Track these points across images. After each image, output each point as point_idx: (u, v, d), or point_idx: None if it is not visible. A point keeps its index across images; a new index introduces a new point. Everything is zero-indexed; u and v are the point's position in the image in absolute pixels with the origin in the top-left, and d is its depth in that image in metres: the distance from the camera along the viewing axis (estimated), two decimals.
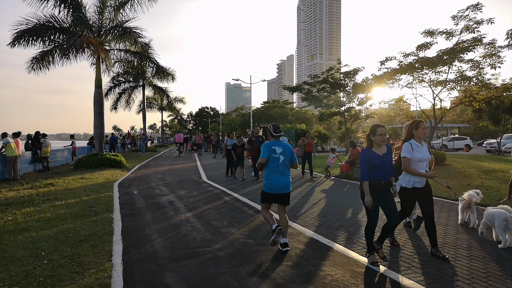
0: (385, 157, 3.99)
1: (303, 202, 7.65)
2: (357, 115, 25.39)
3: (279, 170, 4.54)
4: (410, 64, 15.48)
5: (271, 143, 4.70)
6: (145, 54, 15.70)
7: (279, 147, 4.63)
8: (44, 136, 15.39)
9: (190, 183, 10.86)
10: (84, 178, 11.58)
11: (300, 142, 12.03)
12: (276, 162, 4.55)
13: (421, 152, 4.20)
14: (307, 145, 11.81)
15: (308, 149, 11.83)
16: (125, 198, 8.21)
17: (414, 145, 4.21)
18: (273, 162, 4.56)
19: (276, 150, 4.59)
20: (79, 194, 8.53)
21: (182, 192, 9.03)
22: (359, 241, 4.80)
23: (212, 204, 7.46)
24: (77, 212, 6.53)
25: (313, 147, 12.27)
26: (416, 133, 4.26)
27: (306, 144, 11.81)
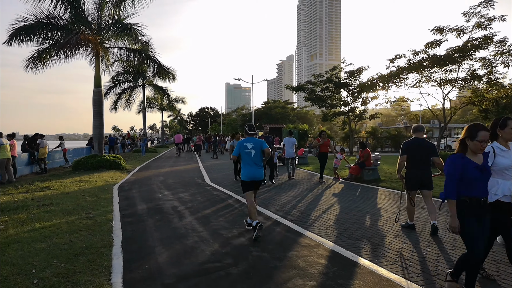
0: (484, 167, 3.02)
1: (315, 207, 7.17)
2: (361, 115, 24.95)
3: (252, 162, 5.37)
4: (420, 62, 15.00)
5: (244, 140, 5.52)
6: (146, 52, 15.20)
7: (251, 143, 5.43)
8: (41, 137, 14.90)
9: (193, 186, 10.38)
10: (83, 181, 11.09)
11: (315, 142, 11.21)
12: (249, 156, 5.38)
13: (509, 157, 3.30)
14: (322, 145, 10.90)
15: (324, 150, 10.89)
16: (126, 203, 7.72)
17: (497, 149, 3.35)
18: (246, 156, 5.40)
19: (248, 146, 5.40)
20: (77, 199, 8.04)
21: (186, 196, 8.54)
22: (386, 255, 4.32)
23: (219, 210, 6.97)
24: (74, 220, 6.04)
25: (330, 147, 11.35)
26: (502, 133, 3.35)
27: (322, 144, 10.90)
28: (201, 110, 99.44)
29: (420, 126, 5.51)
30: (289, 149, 11.70)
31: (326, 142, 11.03)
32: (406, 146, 5.38)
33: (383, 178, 11.58)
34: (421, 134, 5.40)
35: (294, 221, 6.05)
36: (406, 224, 5.53)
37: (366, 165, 11.25)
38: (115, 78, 29.51)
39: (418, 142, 5.33)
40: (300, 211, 6.86)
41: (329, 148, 11.17)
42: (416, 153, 5.29)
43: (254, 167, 5.36)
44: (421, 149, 5.28)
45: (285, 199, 8.06)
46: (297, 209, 7.04)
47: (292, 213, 6.64)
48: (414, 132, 5.45)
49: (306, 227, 5.65)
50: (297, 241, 4.91)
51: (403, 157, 5.34)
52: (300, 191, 9.19)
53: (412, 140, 5.39)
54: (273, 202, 7.71)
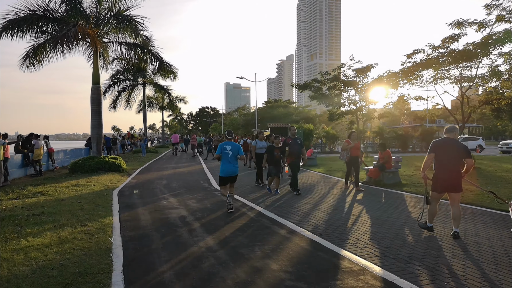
0: None
1: (340, 217, 6.32)
2: (369, 114, 24.12)
3: (229, 161, 6.84)
4: (437, 58, 14.15)
5: (224, 143, 6.99)
6: (147, 47, 14.33)
7: (229, 146, 6.90)
8: (36, 137, 14.02)
9: (200, 191, 9.52)
10: (79, 185, 10.23)
11: (344, 144, 9.65)
12: (227, 156, 6.82)
13: None
14: (353, 148, 9.41)
15: (355, 153, 9.44)
16: (127, 213, 6.86)
17: None
18: (225, 156, 6.82)
19: (227, 148, 6.85)
20: (72, 207, 7.18)
21: (194, 204, 7.68)
22: (450, 284, 3.47)
23: (233, 221, 6.12)
24: (67, 235, 5.18)
25: (361, 151, 10.07)
26: None
27: (352, 147, 9.40)
28: (201, 110, 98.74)
29: (453, 127, 5.31)
30: None
31: (357, 144, 9.60)
32: (435, 145, 5.17)
33: (404, 181, 10.75)
34: (454, 134, 5.18)
35: (323, 235, 5.20)
36: (423, 225, 5.36)
37: (386, 167, 10.41)
38: (114, 76, 28.67)
39: (448, 141, 5.12)
40: (325, 222, 6.01)
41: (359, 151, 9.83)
42: (445, 153, 5.07)
43: (230, 165, 6.87)
44: (451, 149, 5.05)
45: (305, 207, 7.21)
46: (322, 219, 6.19)
47: (318, 225, 5.79)
48: (446, 133, 5.24)
49: (340, 243, 4.81)
50: (336, 264, 4.07)
51: (431, 156, 5.14)
52: (318, 197, 8.34)
53: (443, 139, 5.20)
54: (292, 211, 6.86)
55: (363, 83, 22.51)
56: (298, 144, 8.97)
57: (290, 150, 8.85)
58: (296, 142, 8.96)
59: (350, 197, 8.48)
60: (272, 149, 8.77)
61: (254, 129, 30.63)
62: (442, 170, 5.08)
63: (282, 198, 8.34)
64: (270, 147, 8.97)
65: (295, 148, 8.86)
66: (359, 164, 9.46)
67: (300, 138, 9.44)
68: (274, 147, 8.81)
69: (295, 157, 8.91)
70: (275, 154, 8.69)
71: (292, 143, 8.92)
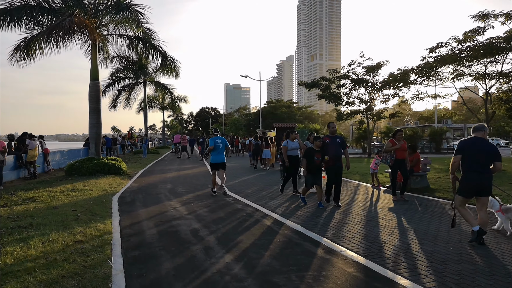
0: None
1: (381, 230, 5.35)
2: (379, 113, 23.17)
3: (219, 152, 8.65)
4: (461, 52, 13.20)
5: (215, 138, 8.69)
6: (149, 40, 13.35)
7: (219, 140, 8.66)
8: (31, 137, 13.06)
9: (210, 197, 8.55)
10: (76, 190, 9.27)
11: (387, 145, 8.02)
12: (218, 148, 8.62)
13: None
14: (399, 150, 7.86)
15: (401, 156, 7.86)
16: (129, 224, 5.90)
17: None
18: (217, 148, 8.61)
19: (218, 141, 8.61)
20: (65, 217, 6.23)
21: (205, 213, 6.71)
22: None
23: (255, 236, 5.16)
24: (56, 255, 4.23)
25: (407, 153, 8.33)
26: None
27: (399, 148, 7.84)
28: (202, 110, 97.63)
29: (482, 125, 4.91)
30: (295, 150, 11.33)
31: (404, 145, 7.99)
32: (462, 145, 4.82)
33: (432, 186, 9.80)
34: (482, 133, 4.82)
35: (370, 256, 4.24)
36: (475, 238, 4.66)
37: (414, 171, 9.45)
38: (114, 74, 27.69)
39: (477, 142, 4.76)
40: (364, 237, 5.05)
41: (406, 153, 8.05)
42: (473, 154, 4.71)
43: (220, 155, 8.67)
44: (480, 150, 4.69)
45: (333, 218, 6.26)
46: (359, 234, 5.23)
47: (358, 242, 4.83)
48: (475, 132, 4.88)
49: (395, 268, 3.86)
50: None
51: (458, 157, 4.81)
52: (346, 206, 7.37)
53: (471, 139, 4.83)
54: (320, 222, 5.90)
55: (374, 81, 21.55)
56: (339, 144, 7.34)
57: (329, 151, 7.18)
58: (335, 141, 7.33)
59: (380, 204, 7.53)
60: (312, 153, 7.10)
61: (258, 129, 29.66)
62: (472, 173, 4.71)
63: (300, 206, 7.39)
64: (309, 150, 7.28)
65: (335, 150, 7.25)
66: (407, 168, 7.99)
67: (341, 136, 7.73)
68: (314, 151, 7.13)
69: (335, 160, 7.23)
70: (316, 160, 7.05)
71: (331, 143, 7.28)
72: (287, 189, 9.19)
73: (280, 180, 12.42)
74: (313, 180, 7.16)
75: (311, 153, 7.14)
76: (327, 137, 7.43)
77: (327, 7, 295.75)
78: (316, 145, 7.21)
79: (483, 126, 4.88)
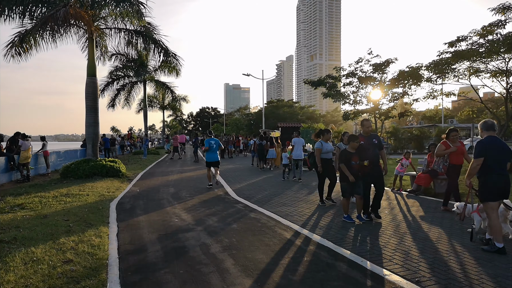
0: None
1: (415, 241, 4.57)
2: (387, 113, 22.37)
3: (213, 151, 9.91)
4: (478, 47, 12.43)
5: (209, 139, 10.04)
6: (150, 35, 12.55)
7: (213, 141, 9.99)
8: (24, 138, 12.27)
9: (218, 203, 7.76)
10: (70, 195, 8.48)
11: (440, 148, 6.69)
12: (212, 147, 9.91)
13: None
14: (454, 153, 6.64)
15: (457, 161, 6.64)
16: (129, 238, 5.11)
17: None
18: (211, 148, 9.91)
19: (212, 142, 9.94)
20: (56, 228, 5.44)
21: (215, 224, 5.92)
22: None
23: (277, 253, 4.37)
24: (39, 283, 3.44)
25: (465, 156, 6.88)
26: None
27: (454, 151, 6.62)
28: (202, 110, 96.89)
29: (493, 122, 4.59)
30: (297, 150, 11.14)
31: (461, 147, 6.70)
32: (484, 146, 4.41)
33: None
34: (495, 132, 4.56)
35: (425, 284, 3.46)
36: (491, 248, 4.29)
37: (439, 173, 8.68)
38: (113, 73, 26.88)
39: (496, 141, 4.47)
40: (407, 255, 4.26)
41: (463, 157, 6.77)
42: (496, 155, 4.38)
43: (214, 154, 9.91)
44: (501, 150, 4.40)
45: (364, 229, 5.48)
46: (399, 251, 4.45)
47: (401, 261, 4.04)
48: (488, 130, 4.51)
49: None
50: None
51: (480, 160, 4.40)
52: None
53: (490, 139, 4.46)
54: (350, 235, 5.12)
55: (382, 79, 20.79)
56: (375, 145, 6.05)
57: (364, 154, 5.87)
58: (371, 142, 6.04)
59: (410, 212, 6.74)
60: (348, 157, 5.80)
61: (261, 129, 28.88)
62: (496, 175, 4.37)
63: (321, 214, 6.61)
64: (344, 153, 5.91)
65: (372, 152, 5.95)
66: (458, 174, 6.74)
67: (377, 135, 6.41)
68: (350, 153, 5.84)
69: (372, 164, 5.90)
70: (353, 164, 5.76)
71: (367, 144, 5.99)
72: (288, 182, 8.39)
73: (282, 180, 11.54)
74: (351, 188, 5.83)
75: (347, 156, 5.83)
76: (361, 136, 6.13)
77: (327, 7, 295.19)
78: (352, 146, 5.86)
79: (495, 124, 4.63)
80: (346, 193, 5.90)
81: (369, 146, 5.98)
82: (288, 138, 16.92)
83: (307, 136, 23.77)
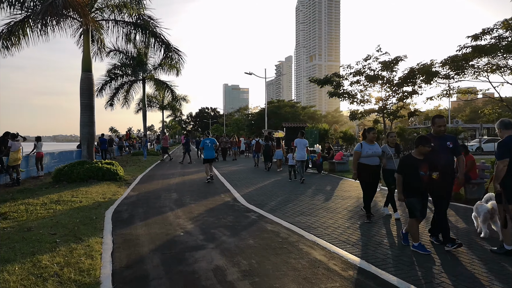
0: None
1: (468, 257, 3.72)
2: (395, 112, 21.51)
3: (209, 149, 11.29)
4: (502, 40, 11.59)
5: (205, 139, 11.55)
6: (149, 28, 11.67)
7: (208, 140, 11.42)
8: (14, 138, 11.37)
9: (227, 212, 6.88)
10: (61, 202, 7.60)
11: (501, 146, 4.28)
12: (207, 146, 11.30)
13: None
14: None
15: None
16: (125, 258, 4.24)
17: None
18: (206, 147, 11.31)
19: (207, 142, 11.36)
20: (39, 245, 4.57)
21: (228, 239, 5.03)
22: None
23: (309, 280, 3.51)
24: None
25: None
26: None
27: None
28: (201, 110, 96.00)
29: (509, 121, 4.35)
30: (300, 151, 10.86)
31: None
32: (508, 146, 4.15)
33: None
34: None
35: None
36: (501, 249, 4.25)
37: (471, 177, 7.85)
38: (111, 71, 25.99)
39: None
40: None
41: None
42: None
43: (210, 151, 11.36)
44: None
45: (404, 246, 4.62)
46: (449, 273, 3.60)
47: None
48: (508, 129, 4.27)
49: None
50: None
51: (505, 161, 4.14)
52: (398, 221, 5.74)
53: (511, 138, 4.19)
54: (392, 255, 4.26)
55: (392, 77, 19.93)
56: (449, 149, 4.61)
57: (435, 161, 4.44)
58: (444, 145, 4.60)
59: (456, 223, 5.89)
60: (416, 165, 4.35)
61: (264, 129, 28.03)
62: None
63: (352, 227, 5.75)
64: (408, 160, 4.47)
65: (445, 159, 4.56)
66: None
67: (453, 137, 4.83)
68: (417, 161, 4.38)
69: (446, 175, 4.50)
70: (422, 175, 4.33)
71: (439, 147, 4.53)
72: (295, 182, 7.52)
73: (289, 181, 10.99)
74: (422, 206, 4.39)
75: (414, 164, 4.36)
76: (432, 135, 4.74)
77: (326, 8, 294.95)
78: (420, 151, 4.37)
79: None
80: (416, 212, 4.36)
81: (442, 150, 4.56)
82: (293, 138, 16.19)
83: (311, 137, 22.95)
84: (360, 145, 6.04)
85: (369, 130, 6.18)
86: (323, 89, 23.80)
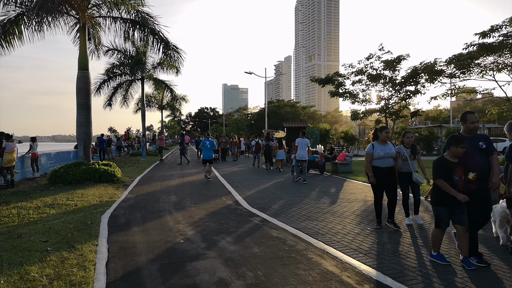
0: None
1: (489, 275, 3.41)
2: (397, 112, 21.23)
3: (207, 150, 11.66)
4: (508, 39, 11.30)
5: (204, 140, 12.14)
6: (148, 25, 11.35)
7: (207, 141, 11.86)
8: (8, 138, 11.04)
9: (229, 216, 6.56)
10: (55, 205, 7.28)
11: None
12: (206, 147, 11.68)
13: None
14: None
15: None
16: (121, 269, 3.92)
17: None
18: (205, 147, 11.71)
19: (206, 143, 11.80)
20: (28, 255, 4.25)
21: (231, 246, 4.72)
22: None
23: None
24: None
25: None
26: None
27: None
28: (200, 110, 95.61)
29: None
30: (301, 151, 10.75)
31: None
32: None
33: None
34: None
35: None
36: None
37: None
38: (110, 70, 25.63)
39: None
40: None
41: None
42: None
43: (209, 152, 11.71)
44: None
45: (423, 256, 4.31)
46: None
47: None
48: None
49: None
50: None
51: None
52: (421, 229, 5.43)
53: None
54: (409, 266, 3.95)
55: (394, 76, 19.68)
56: (482, 150, 4.08)
57: (468, 163, 3.94)
58: (477, 145, 4.08)
59: None
60: (450, 168, 3.90)
61: (264, 129, 27.72)
62: None
63: (362, 234, 5.43)
64: (442, 163, 3.97)
65: (479, 161, 4.04)
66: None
67: (486, 136, 4.35)
68: (451, 164, 3.91)
69: (481, 180, 3.98)
70: (457, 180, 3.86)
71: (471, 149, 4.02)
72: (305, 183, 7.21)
73: (296, 181, 10.80)
74: (450, 215, 3.93)
75: (447, 166, 3.90)
76: (462, 135, 4.18)
77: (325, 8, 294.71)
78: (454, 152, 3.89)
79: None
80: (443, 222, 3.96)
81: (474, 151, 4.05)
82: (294, 138, 15.92)
83: (312, 137, 22.62)
84: (371, 146, 5.56)
85: (382, 129, 5.64)
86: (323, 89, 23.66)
